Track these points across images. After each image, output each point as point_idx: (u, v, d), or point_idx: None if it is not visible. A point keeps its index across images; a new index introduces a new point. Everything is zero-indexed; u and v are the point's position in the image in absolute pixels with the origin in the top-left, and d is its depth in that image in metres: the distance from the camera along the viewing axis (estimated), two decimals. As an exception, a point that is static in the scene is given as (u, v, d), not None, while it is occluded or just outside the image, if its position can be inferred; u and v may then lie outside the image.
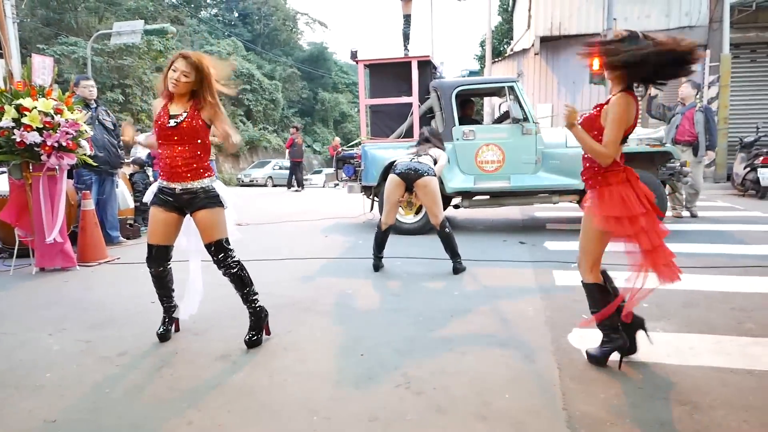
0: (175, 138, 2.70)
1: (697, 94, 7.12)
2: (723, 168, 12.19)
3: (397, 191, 4.45)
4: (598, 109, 2.44)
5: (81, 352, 2.86)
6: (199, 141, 2.74)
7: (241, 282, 2.88)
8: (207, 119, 2.74)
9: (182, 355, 2.78)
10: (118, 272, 4.82)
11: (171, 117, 2.70)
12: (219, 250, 2.78)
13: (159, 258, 2.86)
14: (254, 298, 2.92)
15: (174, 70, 2.66)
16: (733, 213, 7.80)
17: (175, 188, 2.75)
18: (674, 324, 3.08)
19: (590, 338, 2.68)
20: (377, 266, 4.62)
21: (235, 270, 2.83)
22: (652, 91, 7.14)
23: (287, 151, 15.54)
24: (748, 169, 9.73)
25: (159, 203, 2.80)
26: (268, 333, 2.99)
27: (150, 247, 2.86)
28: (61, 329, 3.23)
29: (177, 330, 3.12)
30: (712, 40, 12.34)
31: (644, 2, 12.86)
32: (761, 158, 9.39)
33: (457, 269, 4.45)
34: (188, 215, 2.85)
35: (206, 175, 2.79)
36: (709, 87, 12.39)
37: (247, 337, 2.87)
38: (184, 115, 2.70)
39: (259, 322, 2.92)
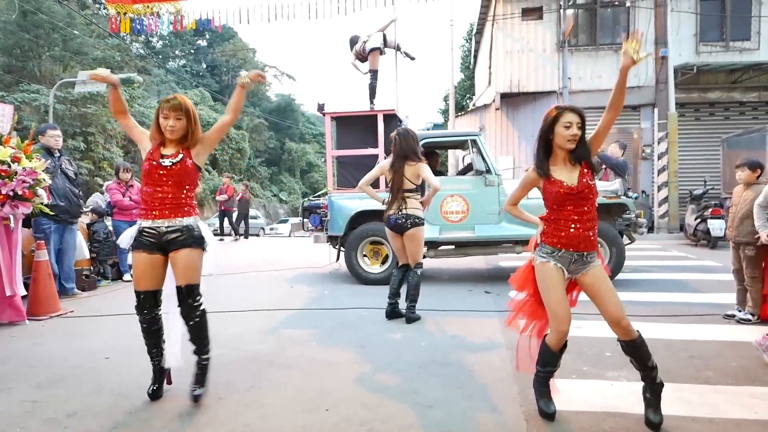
0: (169, 178, 2.71)
1: (623, 154, 7.57)
2: (676, 219, 12.72)
3: (396, 240, 4.61)
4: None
5: (26, 413, 2.68)
6: (189, 183, 2.78)
7: (202, 331, 2.79)
8: (196, 155, 2.79)
9: (137, 415, 2.63)
10: (71, 326, 4.59)
11: (164, 156, 2.73)
12: (191, 294, 2.71)
13: (148, 304, 2.76)
14: (209, 348, 2.85)
15: (166, 117, 2.69)
16: (688, 262, 8.10)
17: (159, 227, 2.71)
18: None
19: (562, 390, 2.68)
20: (390, 312, 4.61)
21: (199, 319, 2.76)
22: None
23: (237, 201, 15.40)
24: (699, 220, 10.19)
25: (142, 247, 2.73)
26: (170, 382, 2.92)
27: (138, 294, 2.76)
28: (5, 389, 3.02)
29: (169, 383, 2.93)
30: (659, 99, 13.16)
31: (596, 63, 13.68)
32: (710, 210, 9.86)
33: (410, 318, 4.50)
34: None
35: (191, 213, 2.79)
36: (659, 142, 13.09)
37: (198, 392, 2.75)
38: (180, 156, 2.73)
39: (206, 376, 2.82)
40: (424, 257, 6.98)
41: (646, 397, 2.47)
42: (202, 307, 2.77)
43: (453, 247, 6.79)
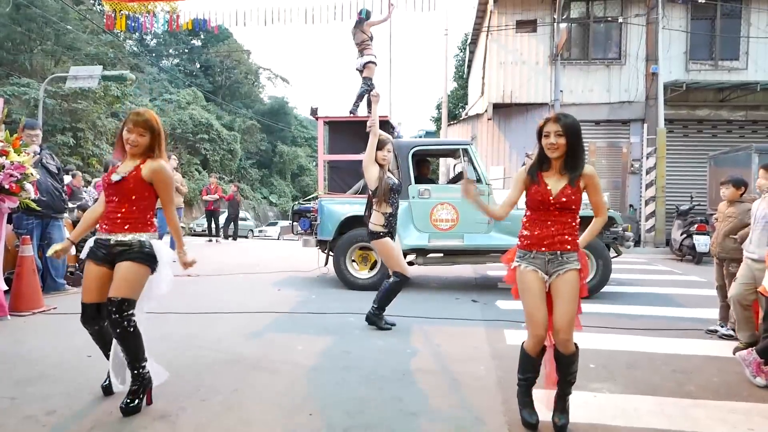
0: (117, 194, 2.68)
1: None
2: (662, 234, 12.86)
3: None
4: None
5: (4, 410, 2.64)
6: (137, 197, 2.69)
7: (129, 347, 2.62)
8: (148, 178, 2.69)
9: (117, 415, 2.60)
10: (53, 323, 4.54)
11: (116, 174, 2.70)
12: (119, 309, 2.55)
13: (92, 317, 2.71)
14: (143, 364, 2.67)
15: (129, 131, 2.68)
16: (673, 277, 8.18)
17: (110, 239, 2.66)
18: (619, 385, 3.15)
19: (545, 400, 2.69)
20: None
21: (123, 336, 2.58)
22: (526, 159, 7.66)
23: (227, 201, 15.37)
24: (685, 235, 10.31)
25: (92, 257, 2.70)
26: (150, 402, 2.71)
27: (83, 306, 2.71)
28: (-17, 385, 2.98)
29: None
30: (648, 115, 13.33)
31: (587, 77, 13.84)
32: (696, 226, 9.98)
33: (367, 317, 4.49)
34: None
35: (144, 230, 2.70)
36: (647, 158, 13.25)
37: (124, 403, 2.60)
38: (128, 172, 2.68)
39: (140, 389, 2.66)
40: (411, 264, 7.00)
41: (555, 400, 2.54)
42: (126, 325, 2.57)
43: (442, 255, 6.80)
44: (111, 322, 2.58)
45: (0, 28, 20.84)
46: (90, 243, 2.76)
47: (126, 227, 2.66)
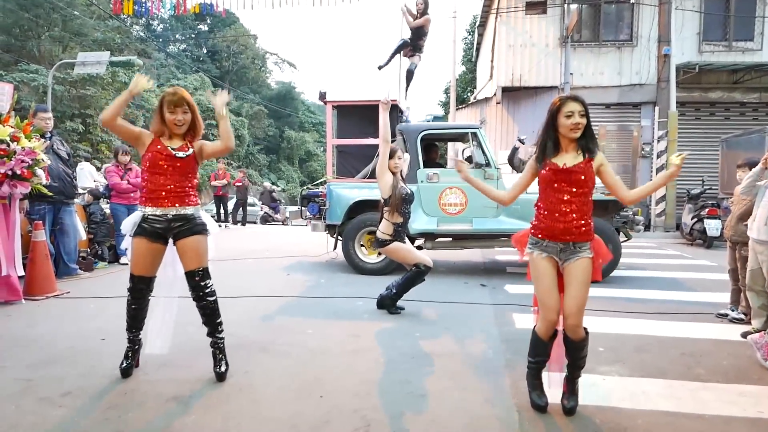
0: (180, 169, 2.83)
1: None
2: (672, 218, 12.74)
3: None
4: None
5: (20, 391, 2.69)
6: (193, 174, 2.94)
7: (215, 313, 2.94)
8: (198, 151, 2.91)
9: (131, 396, 2.65)
10: (67, 307, 4.60)
11: (175, 149, 2.82)
12: (205, 276, 2.87)
13: (142, 289, 2.88)
14: (222, 328, 2.99)
15: (172, 113, 2.78)
16: (683, 261, 8.13)
17: (167, 213, 2.80)
18: (628, 368, 3.16)
19: (555, 383, 2.70)
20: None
21: (213, 298, 2.91)
22: (517, 143, 7.59)
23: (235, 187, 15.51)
24: (696, 219, 10.22)
25: (145, 234, 2.82)
26: (137, 365, 3.02)
27: (134, 277, 2.87)
28: (-1, 367, 3.04)
29: (137, 366, 3.03)
30: (660, 98, 13.13)
31: (598, 60, 13.64)
32: (707, 210, 9.88)
33: (383, 302, 4.54)
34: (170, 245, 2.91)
35: (197, 203, 2.93)
36: (658, 141, 13.08)
37: (223, 369, 2.91)
38: (191, 150, 2.86)
39: (225, 353, 2.99)
40: (420, 248, 7.01)
41: (564, 383, 2.58)
42: (213, 288, 2.92)
43: (450, 239, 6.80)
44: (198, 292, 2.86)
45: (8, 14, 20.84)
46: (135, 219, 2.85)
47: (180, 201, 2.84)
